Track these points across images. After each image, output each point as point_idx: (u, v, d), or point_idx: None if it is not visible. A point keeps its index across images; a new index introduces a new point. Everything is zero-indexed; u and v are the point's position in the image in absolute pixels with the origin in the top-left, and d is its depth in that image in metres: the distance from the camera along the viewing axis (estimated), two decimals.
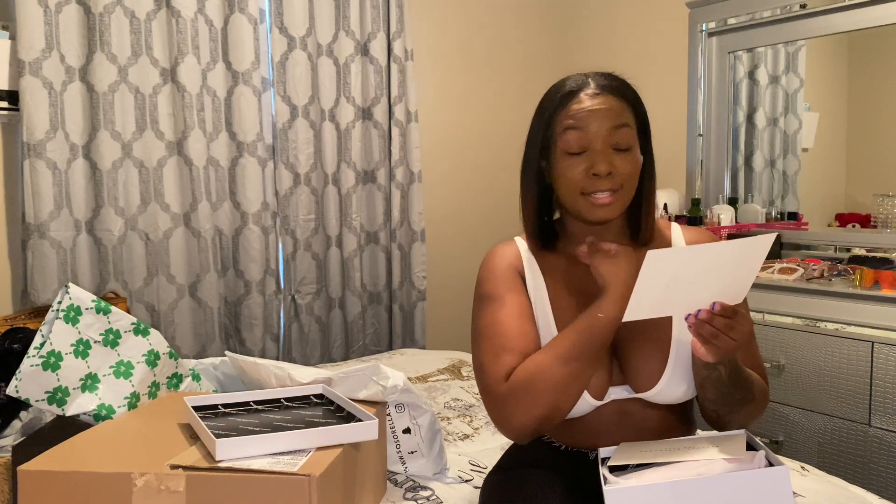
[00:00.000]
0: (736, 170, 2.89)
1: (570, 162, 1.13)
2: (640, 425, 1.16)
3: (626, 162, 1.13)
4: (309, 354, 2.78)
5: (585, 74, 1.17)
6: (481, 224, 3.31)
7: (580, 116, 1.12)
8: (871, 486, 1.85)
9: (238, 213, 2.60)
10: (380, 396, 1.31)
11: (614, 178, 1.12)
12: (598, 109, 1.12)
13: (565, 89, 1.16)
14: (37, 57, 2.18)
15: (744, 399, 1.11)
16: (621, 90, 1.16)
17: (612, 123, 1.12)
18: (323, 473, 0.98)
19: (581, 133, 1.12)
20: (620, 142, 1.12)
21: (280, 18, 2.64)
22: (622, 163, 1.12)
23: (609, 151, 1.12)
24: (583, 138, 1.12)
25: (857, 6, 2.39)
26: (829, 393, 2.04)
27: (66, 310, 1.35)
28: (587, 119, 1.12)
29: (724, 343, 0.99)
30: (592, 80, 1.15)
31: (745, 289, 1.01)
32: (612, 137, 1.12)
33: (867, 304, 1.97)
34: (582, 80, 1.16)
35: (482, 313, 1.19)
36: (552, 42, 3.52)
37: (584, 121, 1.12)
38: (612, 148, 1.12)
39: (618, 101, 1.14)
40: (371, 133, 2.88)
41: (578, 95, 1.14)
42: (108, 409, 1.33)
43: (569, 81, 1.17)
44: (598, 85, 1.14)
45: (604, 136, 1.12)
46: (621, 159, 1.12)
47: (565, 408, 1.10)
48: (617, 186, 1.12)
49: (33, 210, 2.21)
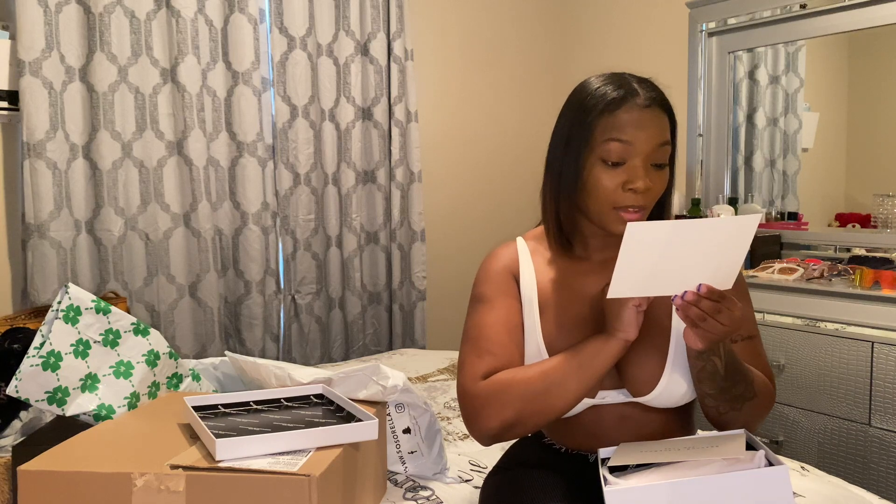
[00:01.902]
0: (736, 170, 2.89)
1: (607, 173, 1.10)
2: (640, 429, 1.16)
3: (661, 179, 1.11)
4: (309, 354, 2.78)
5: (625, 77, 1.12)
6: (481, 224, 3.31)
7: (631, 129, 1.08)
8: (871, 486, 1.85)
9: (238, 213, 2.60)
10: (380, 396, 1.31)
11: (649, 194, 1.10)
12: (649, 125, 1.08)
13: (612, 94, 1.09)
14: (37, 57, 2.18)
15: (743, 395, 1.10)
16: (665, 104, 1.12)
17: (659, 141, 1.09)
18: (323, 473, 0.98)
19: (626, 146, 1.08)
20: (661, 158, 1.10)
21: (280, 18, 2.64)
22: (658, 180, 1.11)
23: (649, 168, 1.10)
24: (626, 151, 1.08)
25: (857, 6, 2.39)
26: (829, 393, 2.04)
27: (65, 310, 1.35)
28: (636, 132, 1.08)
29: (712, 327, 0.98)
30: (640, 89, 1.10)
31: (733, 273, 0.99)
32: (655, 154, 1.10)
33: (867, 304, 1.97)
34: (629, 86, 1.10)
35: (472, 314, 1.20)
36: (552, 42, 3.52)
37: (632, 134, 1.08)
38: (651, 164, 1.10)
39: (662, 116, 1.11)
40: (371, 133, 2.88)
41: (628, 104, 1.09)
42: (108, 409, 1.33)
43: (611, 85, 1.11)
44: (648, 96, 1.10)
45: (648, 153, 1.09)
46: (658, 176, 1.11)
47: (533, 421, 1.09)
48: (648, 202, 1.11)
49: (33, 210, 2.21)
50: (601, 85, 1.12)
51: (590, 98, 1.11)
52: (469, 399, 1.12)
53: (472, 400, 1.11)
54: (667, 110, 1.12)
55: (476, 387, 1.11)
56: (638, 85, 1.11)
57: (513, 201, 3.35)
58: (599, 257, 1.20)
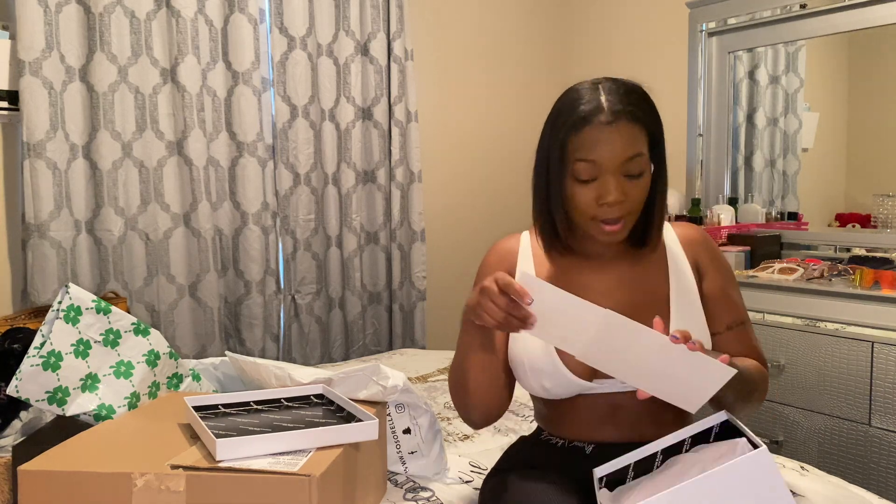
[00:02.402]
0: (736, 170, 2.89)
1: (581, 189, 1.12)
2: (634, 417, 1.18)
3: (636, 189, 1.12)
4: (309, 354, 2.78)
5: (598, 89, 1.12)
6: (481, 224, 3.31)
7: (593, 149, 1.10)
8: (871, 486, 1.85)
9: (238, 213, 2.60)
10: (380, 396, 1.31)
11: (624, 205, 1.12)
12: (610, 143, 1.09)
13: (578, 113, 1.11)
14: (37, 57, 2.18)
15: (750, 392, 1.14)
16: (636, 113, 1.11)
17: (625, 155, 1.10)
18: (323, 473, 0.98)
19: (592, 165, 1.10)
20: (633, 170, 1.11)
21: (280, 18, 2.64)
22: (633, 190, 1.12)
23: (620, 180, 1.11)
24: (594, 169, 1.11)
25: (857, 6, 2.39)
26: (829, 393, 2.04)
27: (66, 310, 1.35)
28: (599, 151, 1.09)
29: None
30: (606, 102, 1.10)
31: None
32: (624, 167, 1.10)
33: (867, 304, 1.97)
34: (596, 101, 1.10)
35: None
36: (552, 42, 3.52)
37: (597, 154, 1.10)
38: (623, 175, 1.11)
39: (631, 127, 1.10)
40: (371, 133, 2.88)
41: (592, 123, 1.10)
42: (108, 409, 1.33)
43: (582, 101, 1.11)
44: (612, 111, 1.09)
45: (615, 168, 1.10)
46: (632, 186, 1.12)
47: (472, 402, 1.18)
48: (626, 213, 1.12)
49: (33, 210, 2.21)
50: (572, 101, 1.13)
51: (560, 116, 1.14)
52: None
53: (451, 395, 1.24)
54: (639, 120, 1.11)
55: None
56: (607, 98, 1.11)
57: (513, 201, 3.34)
58: (599, 254, 1.23)
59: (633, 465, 1.09)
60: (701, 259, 1.23)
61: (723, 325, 1.21)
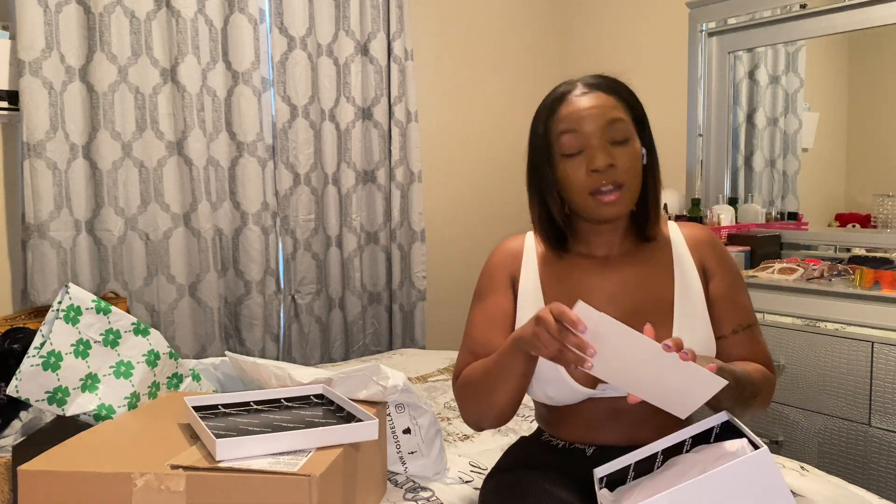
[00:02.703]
0: (736, 170, 2.89)
1: (571, 164, 1.15)
2: (638, 421, 1.17)
3: (625, 154, 1.13)
4: (309, 354, 2.78)
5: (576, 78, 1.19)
6: (481, 224, 3.31)
7: (573, 118, 1.14)
8: (871, 486, 1.85)
9: (238, 213, 2.60)
10: (380, 396, 1.31)
11: (616, 171, 1.13)
12: (589, 107, 1.14)
13: (555, 94, 1.19)
14: (37, 57, 2.18)
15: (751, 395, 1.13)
16: (610, 86, 1.17)
17: (605, 119, 1.13)
18: (323, 473, 0.98)
19: (576, 135, 1.14)
20: (616, 135, 1.13)
21: (280, 18, 2.64)
22: (621, 155, 1.13)
23: (606, 146, 1.13)
24: (578, 139, 1.14)
25: (857, 6, 2.39)
26: (829, 393, 2.04)
27: (66, 310, 1.35)
28: (579, 119, 1.14)
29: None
30: (581, 81, 1.18)
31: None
32: (608, 133, 1.13)
33: (867, 304, 1.97)
34: (570, 83, 1.18)
35: (471, 307, 1.29)
36: (552, 41, 3.52)
37: (576, 122, 1.14)
38: (608, 143, 1.13)
39: (608, 97, 1.15)
40: (371, 133, 2.88)
41: (568, 98, 1.16)
42: (108, 409, 1.33)
43: (559, 87, 1.19)
44: (586, 84, 1.17)
45: (598, 133, 1.13)
46: (620, 152, 1.13)
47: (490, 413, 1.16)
48: (620, 180, 1.13)
49: (33, 210, 2.21)
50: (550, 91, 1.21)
51: (540, 107, 1.21)
52: (453, 393, 1.24)
53: (454, 394, 1.24)
54: (615, 92, 1.16)
55: (456, 383, 1.23)
56: (581, 80, 1.18)
57: (513, 201, 3.34)
58: (602, 254, 1.23)
59: (633, 466, 1.09)
60: (707, 261, 1.22)
61: (729, 328, 1.19)
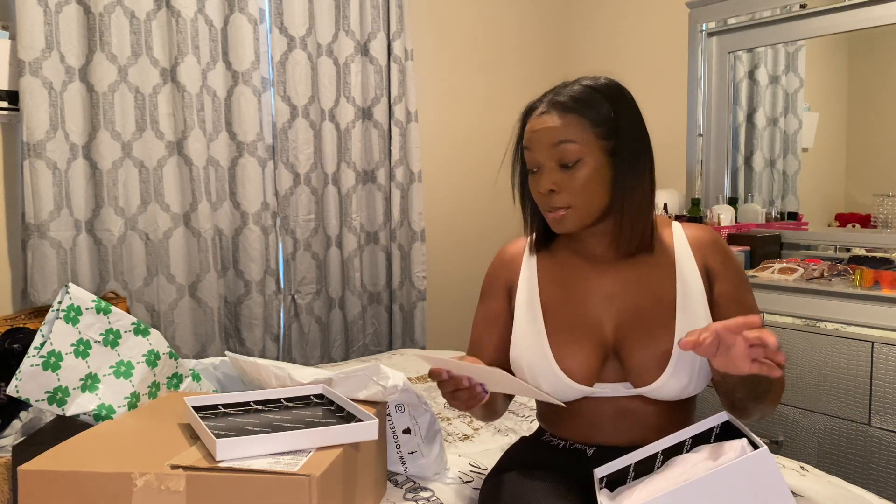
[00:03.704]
0: (736, 170, 2.89)
1: (532, 179, 1.19)
2: (639, 422, 1.17)
3: (569, 178, 1.14)
4: (309, 354, 2.78)
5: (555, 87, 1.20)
6: (481, 224, 3.31)
7: (529, 137, 1.18)
8: (871, 486, 1.85)
9: (238, 213, 2.60)
10: (380, 396, 1.31)
11: (557, 196, 1.15)
12: (539, 129, 1.16)
13: (528, 106, 1.22)
14: (37, 57, 2.18)
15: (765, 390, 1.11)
16: (570, 105, 1.14)
17: (551, 142, 1.14)
18: (323, 473, 0.98)
19: (531, 153, 1.18)
20: (563, 158, 1.14)
21: (280, 18, 2.64)
22: (565, 179, 1.14)
23: (555, 168, 1.15)
24: (533, 158, 1.17)
25: (857, 6, 2.39)
26: (829, 393, 2.04)
27: (66, 310, 1.35)
28: (533, 139, 1.17)
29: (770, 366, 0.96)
30: (547, 97, 1.19)
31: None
32: (555, 155, 1.14)
33: (867, 304, 1.97)
34: (540, 97, 1.20)
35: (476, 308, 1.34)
36: (552, 42, 3.52)
37: (530, 141, 1.17)
38: (558, 165, 1.15)
39: (562, 118, 1.14)
40: (371, 133, 2.88)
41: (532, 115, 1.19)
42: (108, 409, 1.33)
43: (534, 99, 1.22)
44: (549, 101, 1.17)
45: (546, 155, 1.15)
46: (566, 176, 1.14)
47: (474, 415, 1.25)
48: (565, 203, 1.15)
49: (33, 210, 2.21)
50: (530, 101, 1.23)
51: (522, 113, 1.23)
52: None
53: None
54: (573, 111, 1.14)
55: None
56: (554, 91, 1.18)
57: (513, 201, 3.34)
58: (602, 257, 1.23)
59: (633, 466, 1.09)
60: (711, 263, 1.19)
61: None
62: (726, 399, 1.13)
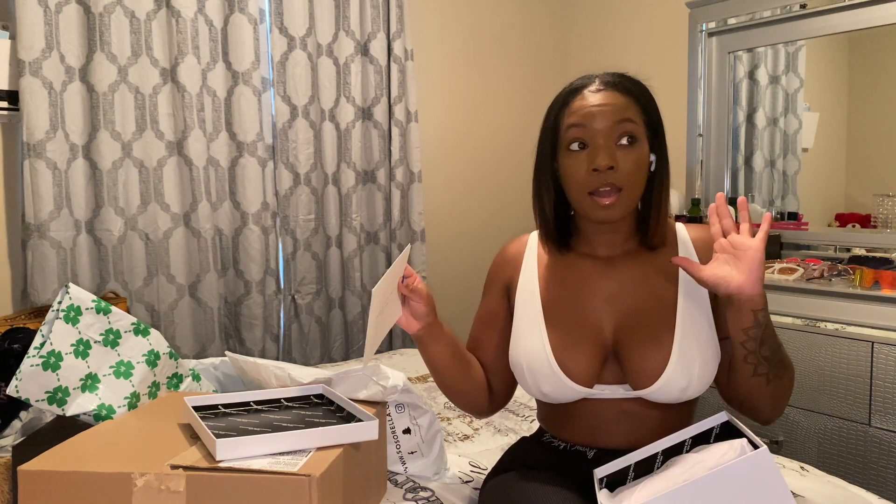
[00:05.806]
0: (736, 170, 2.89)
1: (574, 159, 1.13)
2: (639, 424, 1.17)
3: (628, 157, 1.12)
4: (309, 354, 2.78)
5: (588, 75, 1.18)
6: (481, 224, 3.31)
7: (583, 112, 1.13)
8: (871, 486, 1.85)
9: (238, 213, 2.60)
10: (380, 396, 1.31)
11: (616, 173, 1.11)
12: (601, 104, 1.12)
13: (571, 87, 1.18)
14: (37, 57, 2.18)
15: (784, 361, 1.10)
16: (627, 86, 1.15)
17: (615, 119, 1.12)
18: (323, 473, 0.98)
19: (583, 129, 1.12)
20: (624, 136, 1.12)
21: (280, 18, 2.64)
22: (624, 158, 1.11)
23: (611, 146, 1.12)
24: (585, 134, 1.13)
25: (857, 6, 2.39)
26: (829, 393, 2.04)
27: (66, 310, 1.35)
28: (589, 115, 1.12)
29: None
30: (599, 78, 1.16)
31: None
32: (615, 133, 1.12)
33: (867, 304, 1.97)
34: (587, 78, 1.17)
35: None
36: (552, 41, 3.52)
37: (586, 117, 1.12)
38: (614, 144, 1.12)
39: (622, 97, 1.14)
40: (371, 133, 2.88)
41: (582, 92, 1.15)
42: (108, 409, 1.33)
43: (577, 80, 1.18)
44: (603, 81, 1.15)
45: (605, 132, 1.12)
46: (624, 154, 1.12)
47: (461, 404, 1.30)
48: (620, 183, 1.11)
49: (33, 210, 2.21)
50: (566, 85, 1.20)
51: (555, 99, 1.19)
52: None
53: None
54: (630, 93, 1.15)
55: None
56: (599, 76, 1.17)
57: (513, 201, 3.35)
58: (604, 254, 1.22)
59: (633, 466, 1.09)
60: None
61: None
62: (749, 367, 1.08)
